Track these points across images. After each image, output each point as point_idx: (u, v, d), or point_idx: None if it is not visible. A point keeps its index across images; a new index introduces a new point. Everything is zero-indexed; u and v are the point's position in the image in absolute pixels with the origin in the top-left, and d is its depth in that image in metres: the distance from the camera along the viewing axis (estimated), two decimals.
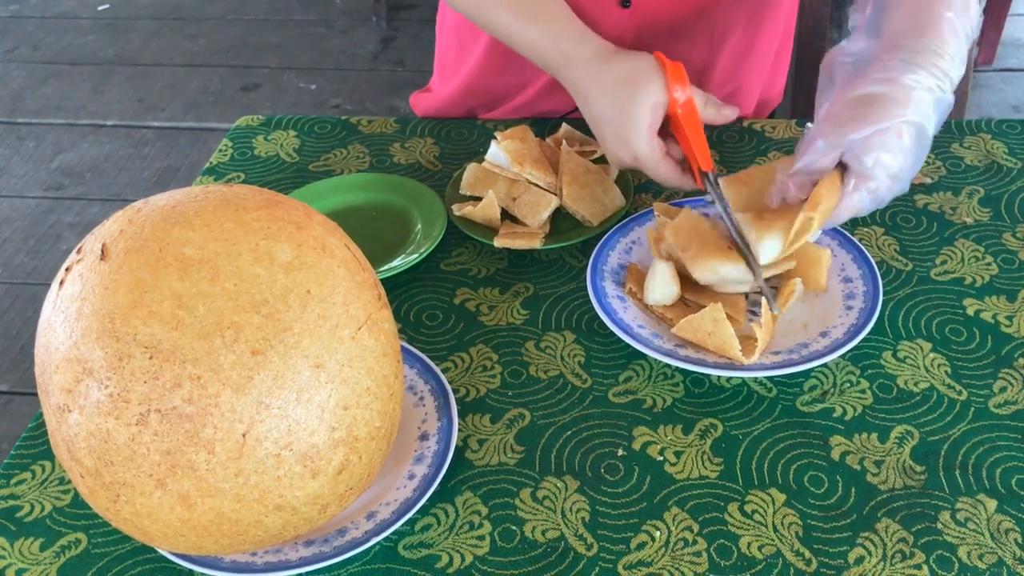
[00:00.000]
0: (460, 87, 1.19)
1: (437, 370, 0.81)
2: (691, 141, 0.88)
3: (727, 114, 0.93)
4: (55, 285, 0.62)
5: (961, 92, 1.31)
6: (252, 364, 0.58)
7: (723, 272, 0.84)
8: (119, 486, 0.59)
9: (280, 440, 0.59)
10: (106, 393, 0.57)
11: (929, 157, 1.05)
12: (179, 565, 0.70)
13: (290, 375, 0.59)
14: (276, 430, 0.59)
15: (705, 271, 0.85)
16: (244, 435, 0.58)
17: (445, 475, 0.75)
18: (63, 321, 0.59)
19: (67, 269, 0.62)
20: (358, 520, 0.71)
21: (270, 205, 0.64)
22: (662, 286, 0.86)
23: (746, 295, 0.87)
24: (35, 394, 2.03)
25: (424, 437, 0.76)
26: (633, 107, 0.88)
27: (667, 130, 0.92)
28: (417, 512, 0.73)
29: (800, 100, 1.37)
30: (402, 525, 0.72)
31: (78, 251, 0.62)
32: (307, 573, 0.69)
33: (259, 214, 0.63)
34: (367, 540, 0.69)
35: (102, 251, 0.60)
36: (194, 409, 0.57)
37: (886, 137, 0.77)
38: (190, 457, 0.58)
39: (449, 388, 0.79)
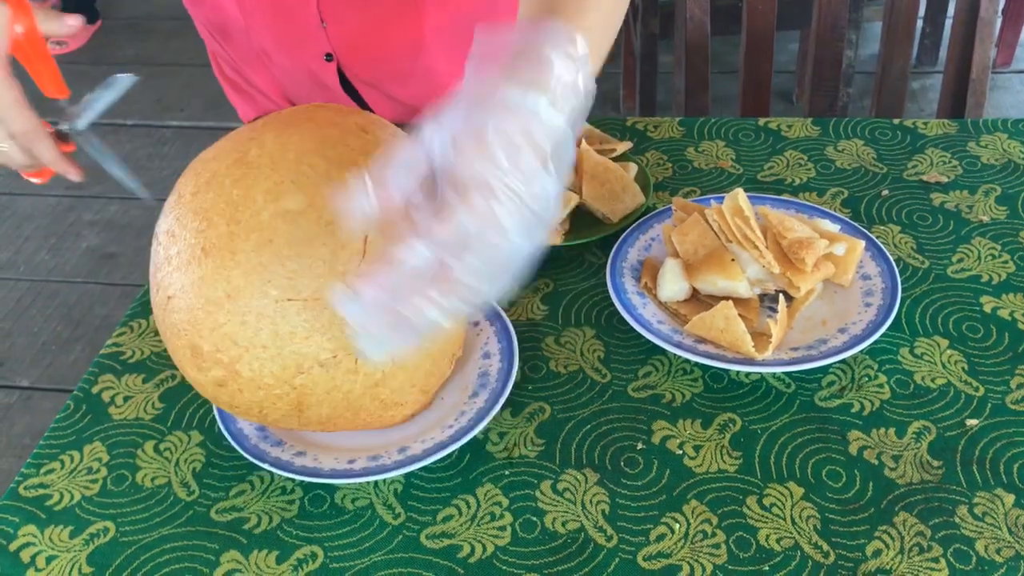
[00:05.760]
0: None
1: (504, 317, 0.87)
2: (41, 70, 0.85)
3: (71, 23, 0.84)
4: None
5: (979, 93, 1.31)
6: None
7: (722, 286, 0.85)
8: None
9: None
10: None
11: (945, 156, 1.06)
12: (203, 554, 0.71)
13: None
14: None
15: (704, 283, 0.86)
16: None
17: (466, 466, 0.76)
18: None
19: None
20: (435, 432, 0.77)
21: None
22: (672, 283, 0.87)
23: (762, 297, 0.88)
24: (57, 389, 2.06)
25: (487, 356, 0.84)
26: None
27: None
28: (440, 500, 0.74)
29: (817, 99, 1.37)
30: (426, 512, 0.73)
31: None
32: (400, 476, 0.74)
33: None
34: (453, 442, 0.75)
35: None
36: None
37: (390, 164, 0.60)
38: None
39: (508, 321, 0.86)
